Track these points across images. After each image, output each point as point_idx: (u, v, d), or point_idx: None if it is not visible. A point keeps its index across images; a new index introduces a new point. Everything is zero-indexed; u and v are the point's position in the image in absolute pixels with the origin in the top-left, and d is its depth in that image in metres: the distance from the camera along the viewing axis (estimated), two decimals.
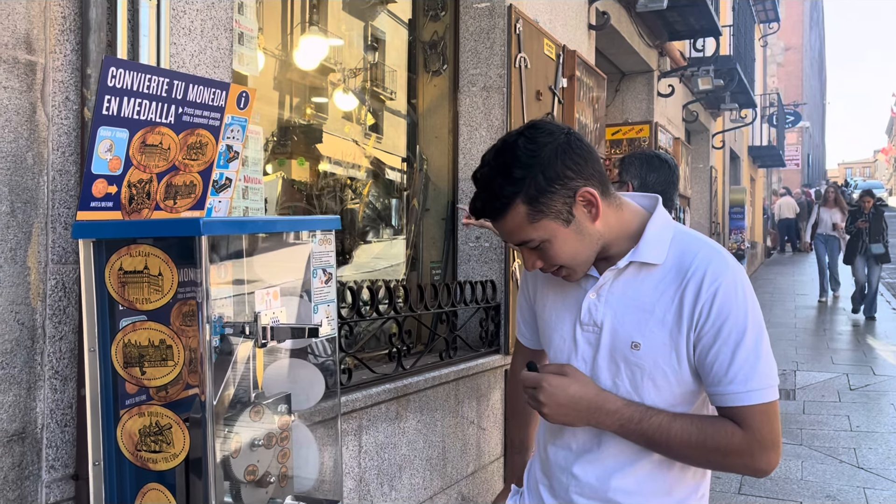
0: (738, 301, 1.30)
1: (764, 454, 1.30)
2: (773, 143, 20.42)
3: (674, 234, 1.38)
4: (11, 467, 1.53)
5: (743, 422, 1.30)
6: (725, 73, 9.13)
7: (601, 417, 1.34)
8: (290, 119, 3.57)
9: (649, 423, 1.32)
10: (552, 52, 4.35)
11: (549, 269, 1.39)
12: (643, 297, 1.35)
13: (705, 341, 1.31)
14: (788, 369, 7.72)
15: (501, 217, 1.33)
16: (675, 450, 1.33)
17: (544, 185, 1.29)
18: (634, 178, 2.79)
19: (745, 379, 1.29)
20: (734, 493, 4.40)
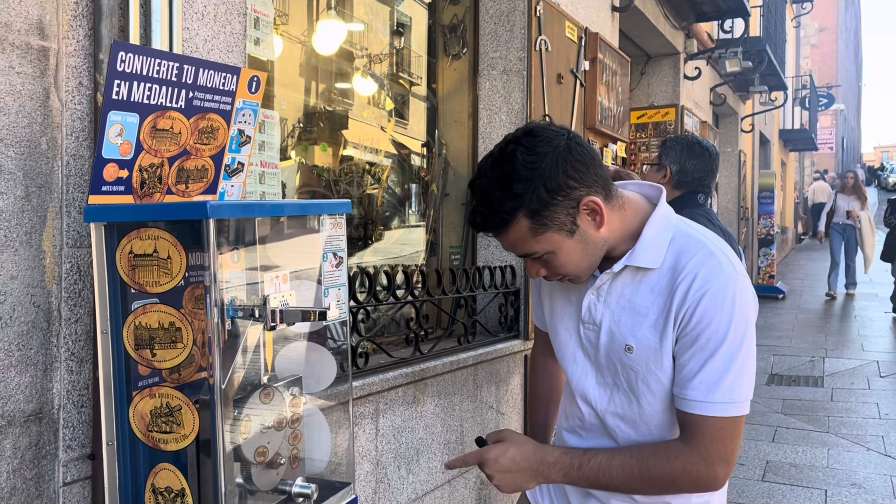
0: (723, 310, 1.27)
1: (710, 469, 1.28)
2: (806, 126, 20.02)
3: (673, 235, 1.35)
4: (28, 447, 1.56)
5: (693, 431, 1.29)
6: (754, 54, 8.95)
7: (545, 471, 1.36)
8: (316, 105, 3.58)
9: (589, 467, 1.33)
10: (574, 35, 4.29)
11: (553, 277, 1.39)
12: (638, 300, 1.35)
13: (682, 343, 1.30)
14: (817, 356, 7.62)
15: (503, 231, 1.31)
16: (622, 486, 1.33)
17: (546, 199, 1.26)
18: (674, 164, 2.76)
19: (708, 390, 1.27)
20: (757, 481, 4.36)
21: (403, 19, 4.18)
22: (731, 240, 2.72)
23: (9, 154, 1.52)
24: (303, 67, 3.54)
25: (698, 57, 7.84)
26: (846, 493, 4.16)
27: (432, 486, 3.00)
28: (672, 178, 2.76)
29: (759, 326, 9.28)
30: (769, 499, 4.10)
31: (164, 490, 1.45)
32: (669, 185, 2.76)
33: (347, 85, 3.77)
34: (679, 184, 2.75)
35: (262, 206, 1.65)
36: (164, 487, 1.45)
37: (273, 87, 3.20)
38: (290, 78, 3.48)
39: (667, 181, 2.76)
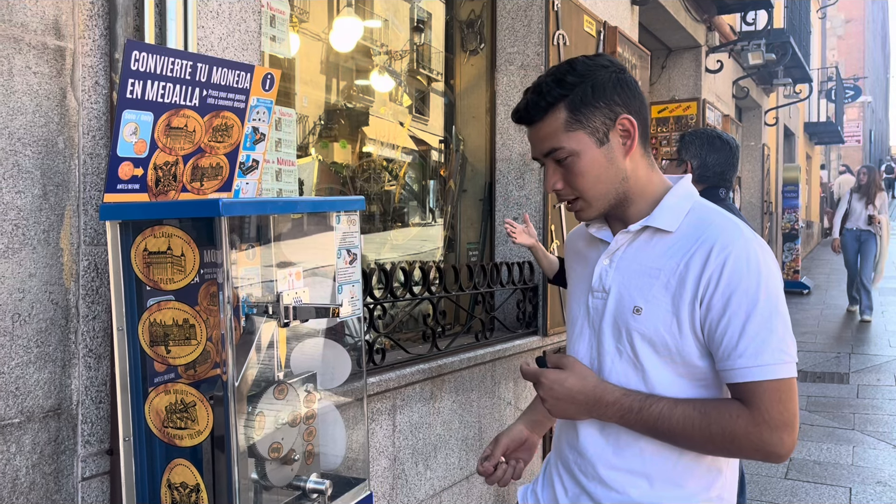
0: (749, 271, 1.24)
1: (774, 435, 1.22)
2: (832, 118, 19.72)
3: (693, 206, 1.35)
4: (48, 442, 1.58)
5: (751, 399, 1.23)
6: (778, 46, 8.82)
7: (601, 409, 1.31)
8: (337, 102, 3.59)
9: (649, 412, 1.27)
10: (592, 29, 4.26)
11: (567, 194, 1.36)
12: (651, 262, 1.32)
13: (713, 314, 1.25)
14: (843, 352, 7.50)
15: (540, 118, 1.32)
16: (680, 437, 1.27)
17: (590, 98, 1.30)
18: (694, 158, 2.72)
19: (755, 353, 1.22)
20: (780, 478, 4.31)
21: (423, 15, 4.17)
22: None
23: (26, 153, 1.54)
24: (324, 65, 3.55)
25: (720, 50, 7.75)
26: (871, 491, 4.09)
27: (450, 482, 3.00)
28: (693, 172, 2.73)
29: None
30: (792, 497, 4.05)
31: (179, 485, 1.47)
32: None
33: (367, 82, 3.78)
34: (700, 178, 2.72)
35: (275, 203, 1.66)
36: (180, 483, 1.47)
37: (294, 85, 3.21)
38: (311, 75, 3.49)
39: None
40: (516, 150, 3.80)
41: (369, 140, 3.75)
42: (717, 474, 1.35)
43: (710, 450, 1.29)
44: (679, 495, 1.32)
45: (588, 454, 1.38)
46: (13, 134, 1.51)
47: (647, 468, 1.33)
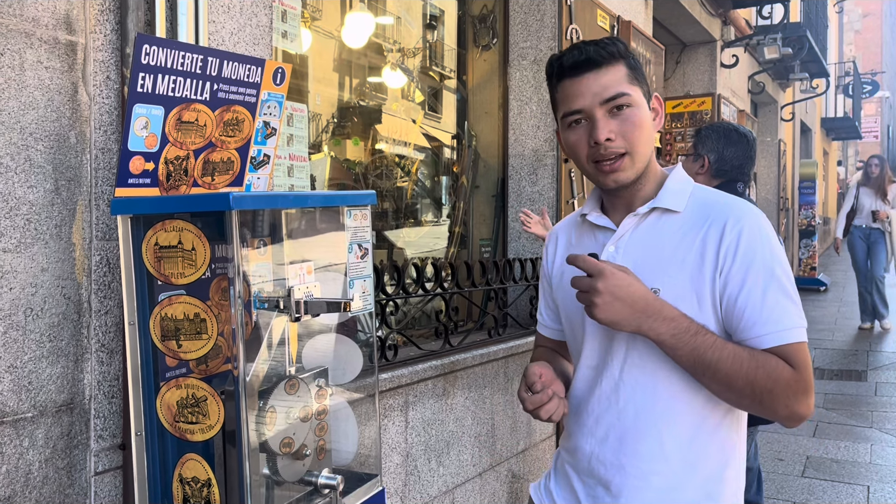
0: (762, 241, 1.28)
1: (805, 397, 1.25)
2: (849, 114, 19.52)
3: (694, 187, 1.40)
4: (60, 436, 1.59)
5: (788, 361, 1.24)
6: (794, 40, 8.73)
7: (656, 322, 1.25)
8: (350, 100, 3.58)
9: (704, 338, 1.25)
10: (606, 24, 4.23)
11: (619, 146, 1.32)
12: (663, 242, 1.33)
13: (733, 286, 1.27)
14: (860, 349, 7.43)
15: (606, 65, 1.33)
16: (724, 372, 1.24)
17: (639, 67, 1.38)
18: (711, 152, 2.68)
19: (779, 318, 1.25)
20: (797, 476, 4.26)
21: (435, 12, 4.16)
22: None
23: (38, 148, 1.54)
24: (337, 62, 3.54)
25: (736, 44, 7.67)
26: (889, 489, 4.04)
27: (463, 478, 2.99)
28: (710, 167, 2.69)
29: None
30: (809, 495, 4.01)
31: (190, 480, 1.46)
32: (708, 175, 2.69)
33: (380, 79, 3.77)
34: (718, 173, 2.68)
35: (285, 197, 1.65)
36: (191, 477, 1.46)
37: (307, 83, 3.21)
38: (324, 73, 3.49)
39: (705, 171, 2.69)
40: (529, 145, 3.78)
41: (382, 137, 3.74)
42: (732, 452, 1.36)
43: (745, 393, 1.25)
44: (699, 476, 1.33)
45: (607, 443, 1.37)
46: (25, 128, 1.51)
47: (666, 452, 1.32)
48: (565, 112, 1.36)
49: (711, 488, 1.34)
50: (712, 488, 1.34)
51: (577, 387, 1.44)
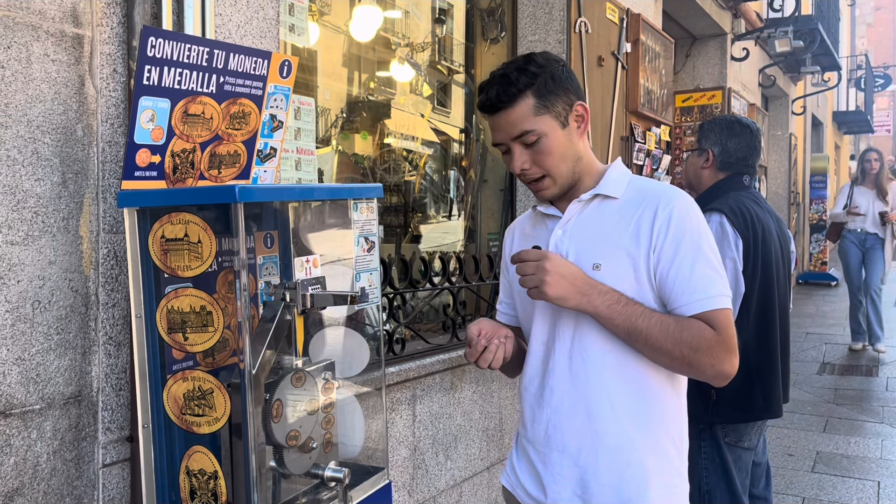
0: (691, 220, 1.43)
1: (729, 356, 1.39)
2: (861, 107, 19.35)
3: (631, 177, 1.54)
4: (69, 428, 1.59)
5: (711, 325, 1.38)
6: (806, 33, 8.65)
7: (593, 296, 1.41)
8: (359, 95, 3.58)
9: (634, 308, 1.40)
10: (615, 16, 4.20)
11: (535, 174, 1.49)
12: (604, 224, 1.48)
13: (665, 260, 1.41)
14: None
15: (511, 105, 1.45)
16: (654, 337, 1.39)
17: (552, 86, 1.47)
18: (715, 145, 2.64)
19: (706, 287, 1.40)
20: (807, 472, 4.24)
21: (443, 6, 4.14)
22: (781, 223, 2.63)
23: (45, 141, 1.54)
24: (345, 57, 3.54)
25: (746, 37, 7.62)
26: None
27: (470, 472, 2.99)
28: (715, 160, 2.66)
29: (811, 314, 9.06)
30: (819, 490, 3.99)
31: (197, 472, 1.47)
32: (713, 168, 2.65)
33: (389, 73, 3.76)
34: (723, 165, 2.65)
35: (292, 190, 1.65)
36: (198, 470, 1.47)
37: (316, 77, 3.20)
38: (332, 68, 3.48)
39: (710, 164, 2.65)
40: None
41: (390, 131, 3.73)
42: (675, 413, 1.50)
43: (675, 354, 1.39)
44: (647, 435, 1.46)
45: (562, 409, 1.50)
46: (32, 121, 1.51)
47: (617, 412, 1.46)
48: (493, 142, 1.54)
49: (658, 446, 1.47)
50: (659, 446, 1.47)
51: (531, 364, 1.58)
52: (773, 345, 2.43)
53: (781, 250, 2.51)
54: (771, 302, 2.41)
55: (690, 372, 1.43)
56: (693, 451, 2.08)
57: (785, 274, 2.53)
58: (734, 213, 2.39)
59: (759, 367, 2.39)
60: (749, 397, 2.38)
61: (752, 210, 2.42)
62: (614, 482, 1.46)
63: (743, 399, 2.39)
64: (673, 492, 1.49)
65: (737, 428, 2.43)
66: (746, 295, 2.37)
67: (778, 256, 2.47)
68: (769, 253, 2.41)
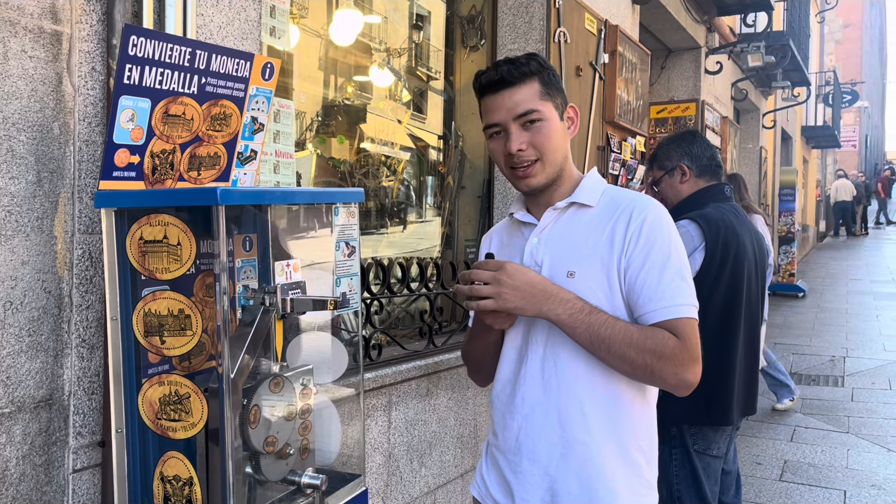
0: (662, 230, 1.45)
1: (692, 365, 1.40)
2: (829, 123, 19.75)
3: (606, 186, 1.57)
4: (38, 433, 1.56)
5: (675, 333, 1.40)
6: (777, 49, 8.81)
7: (553, 304, 1.41)
8: (335, 99, 3.56)
9: (597, 316, 1.40)
10: (593, 27, 4.24)
11: (530, 155, 1.49)
12: (579, 232, 1.50)
13: (634, 267, 1.43)
14: (838, 355, 7.51)
15: (519, 83, 1.48)
16: (617, 346, 1.39)
17: (554, 80, 1.53)
18: (682, 158, 2.65)
19: (673, 295, 1.41)
20: (775, 480, 4.30)
21: (422, 12, 4.14)
22: (759, 237, 2.65)
23: (21, 139, 1.51)
24: (322, 61, 3.52)
25: (720, 51, 7.73)
26: (866, 494, 4.09)
27: (444, 479, 2.98)
28: (690, 170, 2.67)
29: (779, 325, 9.20)
30: (787, 499, 4.04)
31: (172, 478, 1.44)
32: (692, 179, 2.65)
33: (366, 78, 3.75)
34: (700, 171, 2.65)
35: (273, 193, 1.64)
36: (173, 476, 1.44)
37: (292, 80, 3.18)
38: (309, 71, 3.46)
39: (688, 177, 2.66)
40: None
41: (367, 136, 3.72)
42: (645, 425, 1.51)
43: (638, 365, 1.39)
44: (617, 445, 1.46)
45: (533, 417, 1.50)
46: (7, 119, 1.48)
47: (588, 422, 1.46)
48: (486, 124, 1.54)
49: (627, 456, 1.48)
50: (628, 456, 1.48)
51: (503, 370, 1.58)
52: (731, 356, 2.44)
53: (756, 264, 2.53)
54: (735, 315, 2.41)
55: (653, 380, 1.43)
56: (664, 458, 2.09)
57: (758, 288, 2.55)
58: (707, 221, 2.42)
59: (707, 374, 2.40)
60: (694, 400, 2.39)
61: (728, 223, 2.45)
62: (583, 491, 1.47)
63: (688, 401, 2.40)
64: (642, 501, 1.50)
65: (705, 436, 2.45)
66: (704, 303, 2.39)
67: (751, 270, 2.49)
68: (739, 267, 2.43)
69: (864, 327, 8.99)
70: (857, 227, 22.04)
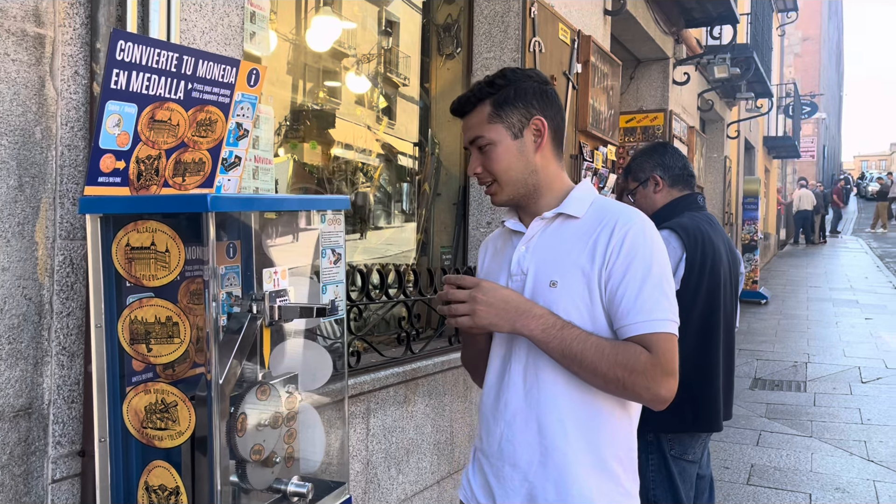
0: (645, 243, 1.46)
1: (664, 380, 1.41)
2: (789, 133, 20.21)
3: (595, 198, 1.58)
4: (17, 442, 1.53)
5: (649, 348, 1.41)
6: (742, 61, 9.01)
7: (527, 320, 1.45)
8: (304, 103, 3.54)
9: (569, 331, 1.43)
10: (567, 37, 4.30)
11: (485, 177, 1.57)
12: (563, 243, 1.53)
13: (615, 278, 1.44)
14: (800, 361, 7.68)
15: (469, 110, 1.57)
16: (588, 360, 1.41)
17: (511, 98, 1.55)
18: (655, 169, 2.69)
19: (651, 309, 1.42)
20: (742, 484, 4.38)
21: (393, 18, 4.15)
22: (731, 245, 2.71)
23: (2, 143, 1.48)
24: (290, 65, 3.51)
25: (687, 62, 7.88)
26: (830, 497, 4.19)
27: (421, 486, 2.98)
28: (664, 180, 2.72)
29: (743, 331, 9.38)
30: (755, 502, 4.12)
31: (157, 488, 1.43)
32: (665, 189, 2.70)
33: (336, 83, 3.74)
34: (673, 181, 2.70)
35: (262, 201, 1.63)
36: (158, 485, 1.43)
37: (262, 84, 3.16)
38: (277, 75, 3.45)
39: (661, 187, 2.70)
40: None
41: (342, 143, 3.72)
42: (624, 435, 1.53)
43: (610, 380, 1.42)
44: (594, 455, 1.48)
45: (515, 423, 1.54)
46: None
47: (566, 430, 1.49)
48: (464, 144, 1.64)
49: (604, 466, 1.50)
50: (605, 466, 1.50)
51: (489, 376, 1.62)
52: (713, 363, 2.49)
53: (730, 272, 2.59)
54: (714, 324, 2.47)
55: (627, 395, 1.45)
56: (641, 464, 2.12)
57: (732, 295, 2.61)
58: (685, 231, 2.46)
59: (691, 383, 2.45)
60: (680, 410, 2.43)
61: (704, 231, 2.50)
62: (560, 498, 1.49)
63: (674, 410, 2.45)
64: None
65: (681, 441, 2.49)
66: (685, 313, 2.43)
67: (726, 279, 2.55)
68: (716, 275, 2.48)
69: (824, 333, 9.21)
70: (815, 236, 22.57)
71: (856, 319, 10.12)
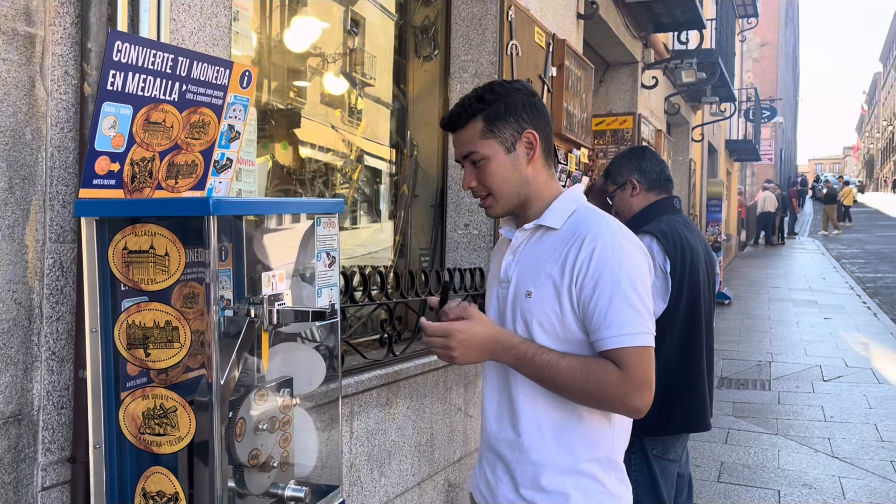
0: (613, 258, 1.49)
1: (637, 393, 1.45)
2: (749, 137, 20.63)
3: (577, 208, 1.61)
4: (7, 450, 1.49)
5: (619, 363, 1.46)
6: (708, 66, 9.18)
7: (500, 353, 1.53)
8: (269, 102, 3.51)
9: (540, 359, 1.50)
10: (542, 41, 4.34)
11: (480, 191, 1.62)
12: (540, 254, 1.58)
13: (585, 294, 1.49)
14: (763, 360, 7.85)
15: (462, 126, 1.60)
16: (560, 384, 1.49)
17: (502, 113, 1.58)
18: (632, 173, 2.73)
19: (620, 324, 1.46)
20: (713, 482, 4.47)
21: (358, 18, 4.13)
22: (708, 247, 2.76)
23: None
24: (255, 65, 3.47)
25: (655, 67, 8.00)
26: (798, 493, 4.29)
27: (402, 488, 2.98)
28: (641, 184, 2.76)
29: None
30: (726, 499, 4.21)
31: (156, 494, 1.41)
32: (642, 193, 2.75)
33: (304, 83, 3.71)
34: (650, 185, 2.74)
35: (262, 204, 1.63)
36: (157, 491, 1.41)
37: None
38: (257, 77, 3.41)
39: (638, 191, 2.75)
40: None
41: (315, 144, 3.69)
42: (600, 439, 1.57)
43: (584, 398, 1.51)
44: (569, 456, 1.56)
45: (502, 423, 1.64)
46: None
47: (542, 432, 1.57)
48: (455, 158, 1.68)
49: (580, 468, 1.56)
50: (581, 468, 1.56)
51: (487, 376, 1.71)
52: (698, 364, 2.55)
53: (708, 273, 2.65)
54: (697, 324, 2.53)
55: (603, 409, 1.53)
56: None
57: (710, 296, 2.67)
58: (665, 236, 2.51)
59: (678, 384, 2.50)
60: (668, 412, 2.49)
61: (682, 234, 2.55)
62: (539, 496, 1.57)
63: (662, 413, 2.50)
64: None
65: (663, 441, 2.54)
66: (670, 315, 2.49)
67: (705, 280, 2.60)
68: (696, 277, 2.54)
69: (786, 333, 9.43)
70: (775, 237, 23.08)
71: (815, 319, 10.38)
